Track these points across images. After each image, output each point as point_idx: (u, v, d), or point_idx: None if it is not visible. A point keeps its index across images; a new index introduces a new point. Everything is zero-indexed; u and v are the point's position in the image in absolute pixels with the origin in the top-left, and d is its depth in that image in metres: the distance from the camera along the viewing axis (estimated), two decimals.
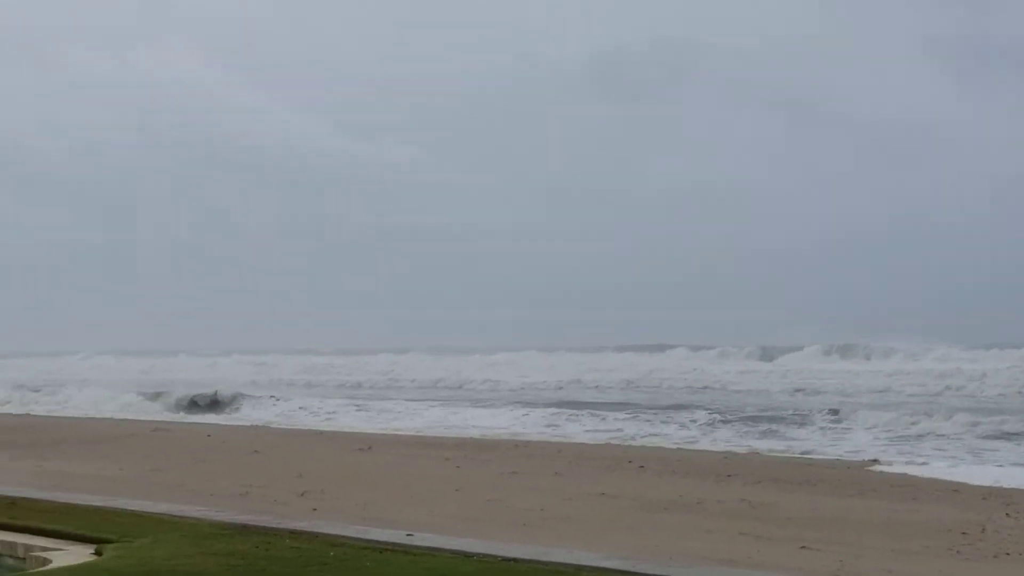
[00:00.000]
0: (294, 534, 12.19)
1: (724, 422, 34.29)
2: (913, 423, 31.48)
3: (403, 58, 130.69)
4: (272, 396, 45.86)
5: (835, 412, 34.80)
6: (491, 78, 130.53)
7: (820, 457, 26.00)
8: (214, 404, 44.44)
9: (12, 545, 12.36)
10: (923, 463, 24.25)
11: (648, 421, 34.91)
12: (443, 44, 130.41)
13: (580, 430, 33.10)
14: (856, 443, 28.81)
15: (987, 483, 20.94)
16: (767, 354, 62.91)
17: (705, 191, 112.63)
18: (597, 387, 52.78)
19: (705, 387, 50.85)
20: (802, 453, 26.85)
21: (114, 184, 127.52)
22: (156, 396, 46.30)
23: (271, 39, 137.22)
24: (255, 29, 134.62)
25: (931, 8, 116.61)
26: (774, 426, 33.00)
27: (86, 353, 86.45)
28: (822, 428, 32.41)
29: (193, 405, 44.45)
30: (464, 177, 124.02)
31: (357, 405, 42.42)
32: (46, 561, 11.45)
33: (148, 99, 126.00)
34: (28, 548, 12.15)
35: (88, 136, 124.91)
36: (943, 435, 29.79)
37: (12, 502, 14.71)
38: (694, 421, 34.57)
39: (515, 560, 10.87)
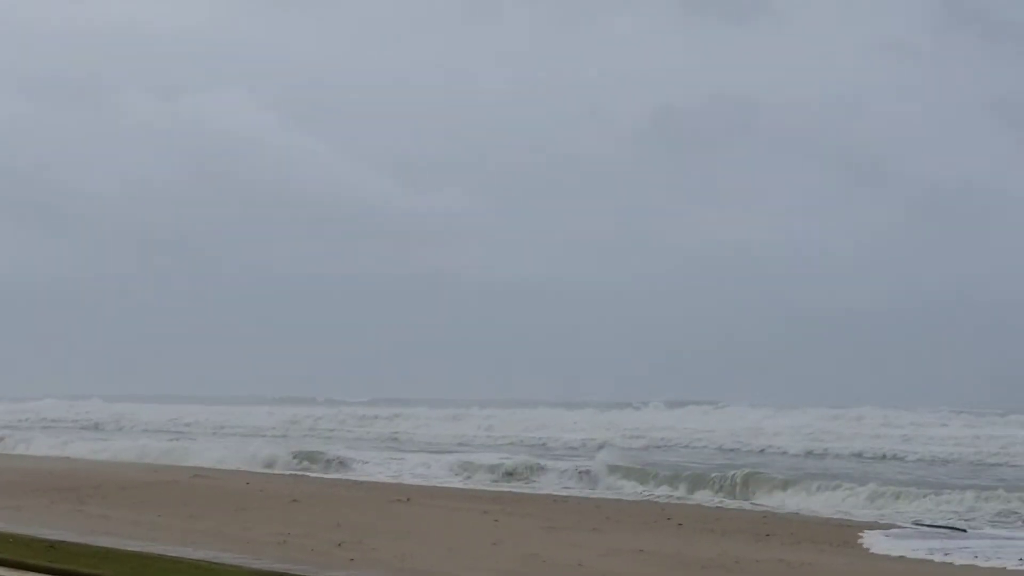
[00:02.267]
0: None
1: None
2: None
3: (462, 107, 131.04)
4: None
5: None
6: (550, 131, 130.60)
7: (859, 519, 25.75)
8: None
9: None
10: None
11: None
12: (502, 95, 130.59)
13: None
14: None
15: None
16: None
17: (747, 249, 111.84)
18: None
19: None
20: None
21: (163, 226, 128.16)
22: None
23: (322, 83, 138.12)
24: (306, 74, 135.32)
25: (1001, 68, 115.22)
26: None
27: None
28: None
29: None
30: (512, 228, 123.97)
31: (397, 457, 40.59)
32: None
33: (200, 144, 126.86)
34: None
35: (138, 178, 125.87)
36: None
37: (51, 545, 14.82)
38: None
39: None
